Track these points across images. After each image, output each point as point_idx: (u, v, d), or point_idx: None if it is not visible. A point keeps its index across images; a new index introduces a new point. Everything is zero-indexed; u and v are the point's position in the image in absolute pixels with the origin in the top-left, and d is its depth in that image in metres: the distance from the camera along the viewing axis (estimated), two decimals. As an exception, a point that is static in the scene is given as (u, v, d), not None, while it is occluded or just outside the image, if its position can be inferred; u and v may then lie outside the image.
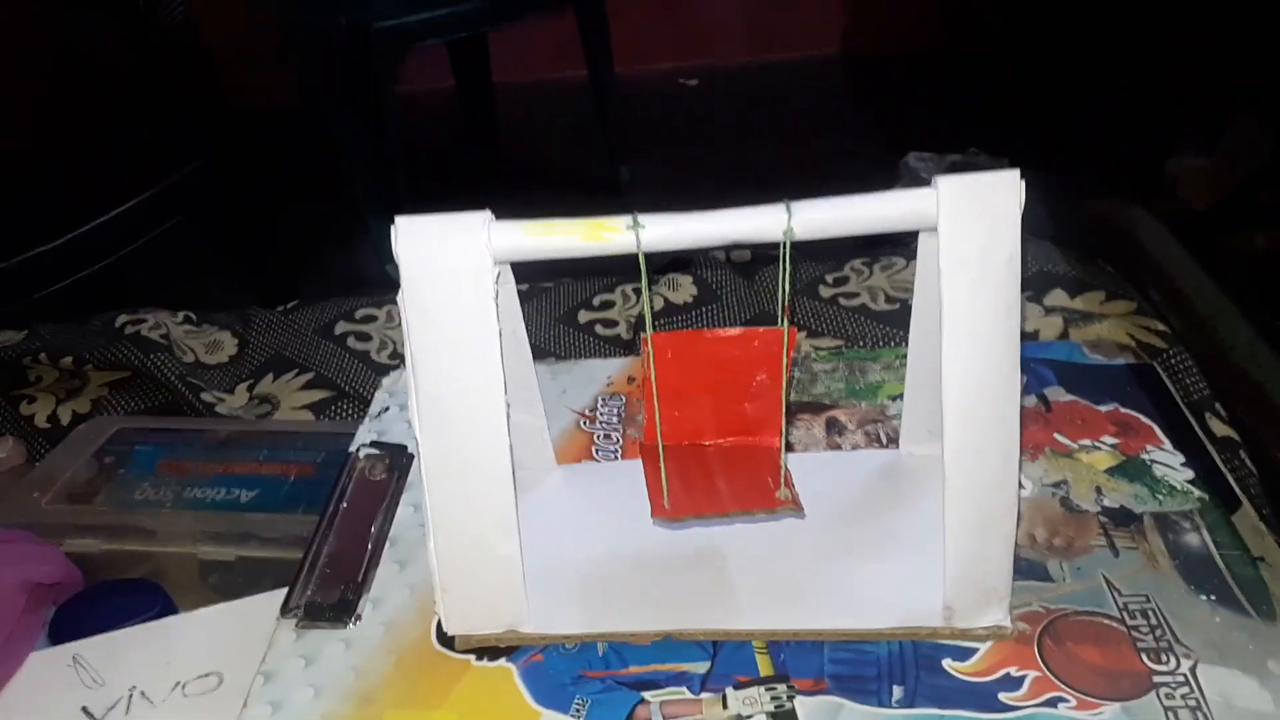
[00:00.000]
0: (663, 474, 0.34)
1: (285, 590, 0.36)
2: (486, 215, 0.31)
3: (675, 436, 0.35)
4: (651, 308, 0.56)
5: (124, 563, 0.44)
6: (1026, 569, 0.34)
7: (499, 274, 0.31)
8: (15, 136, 1.15)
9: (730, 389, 0.34)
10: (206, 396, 0.55)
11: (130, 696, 0.36)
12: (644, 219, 0.30)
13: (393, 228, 0.30)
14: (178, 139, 1.23)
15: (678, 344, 0.34)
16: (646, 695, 0.31)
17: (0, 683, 0.37)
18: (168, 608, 0.40)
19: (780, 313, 0.32)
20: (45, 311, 0.70)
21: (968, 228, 0.30)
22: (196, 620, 0.39)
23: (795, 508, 0.33)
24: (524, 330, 0.36)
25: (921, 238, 0.33)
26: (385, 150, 1.38)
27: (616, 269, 0.60)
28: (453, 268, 0.30)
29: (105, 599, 0.40)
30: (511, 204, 0.31)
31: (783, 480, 0.34)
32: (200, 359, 0.59)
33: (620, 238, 0.30)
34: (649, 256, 0.31)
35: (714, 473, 0.34)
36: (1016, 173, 0.30)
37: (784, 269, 0.31)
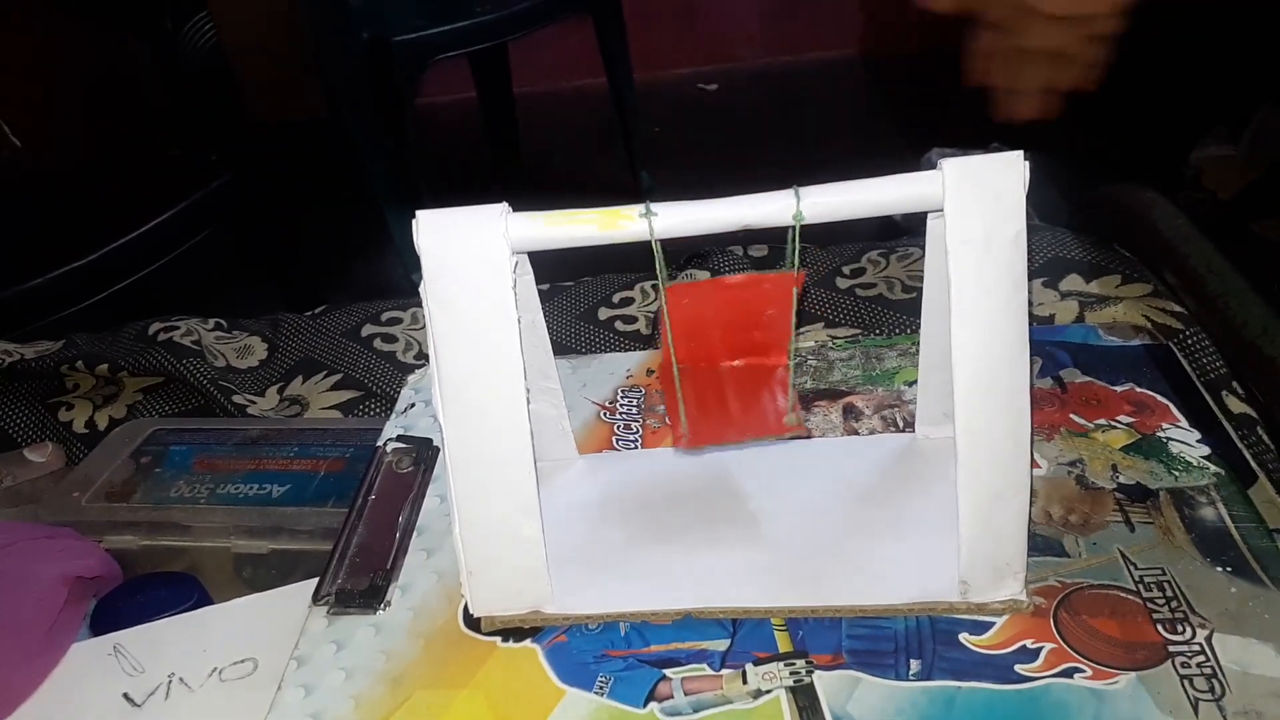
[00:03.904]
0: (680, 406, 0.35)
1: (316, 580, 0.37)
2: (504, 207, 0.32)
3: (690, 359, 0.36)
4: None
5: (161, 557, 0.45)
6: (1042, 545, 0.34)
7: (516, 264, 0.32)
8: (52, 157, 1.18)
9: (742, 322, 0.35)
10: (238, 399, 0.57)
11: (169, 683, 0.38)
12: (656, 207, 0.31)
13: (414, 221, 0.31)
14: (207, 155, 1.25)
15: (693, 292, 0.34)
16: (668, 672, 0.32)
17: (45, 672, 0.38)
18: (203, 599, 0.41)
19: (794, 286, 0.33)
20: (82, 323, 0.72)
21: (973, 208, 0.30)
22: (231, 610, 0.41)
23: (801, 431, 0.35)
24: (543, 322, 0.37)
25: (930, 221, 0.33)
26: (408, 161, 1.40)
27: (635, 266, 0.61)
28: (472, 258, 0.31)
29: (144, 592, 0.42)
30: (535, 210, 0.32)
31: (790, 405, 0.34)
32: (231, 363, 0.61)
33: (634, 225, 0.31)
34: (666, 251, 0.32)
35: (727, 396, 0.35)
36: (1020, 154, 0.30)
37: (794, 250, 0.31)
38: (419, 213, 0.31)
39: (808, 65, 2.16)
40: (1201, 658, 0.30)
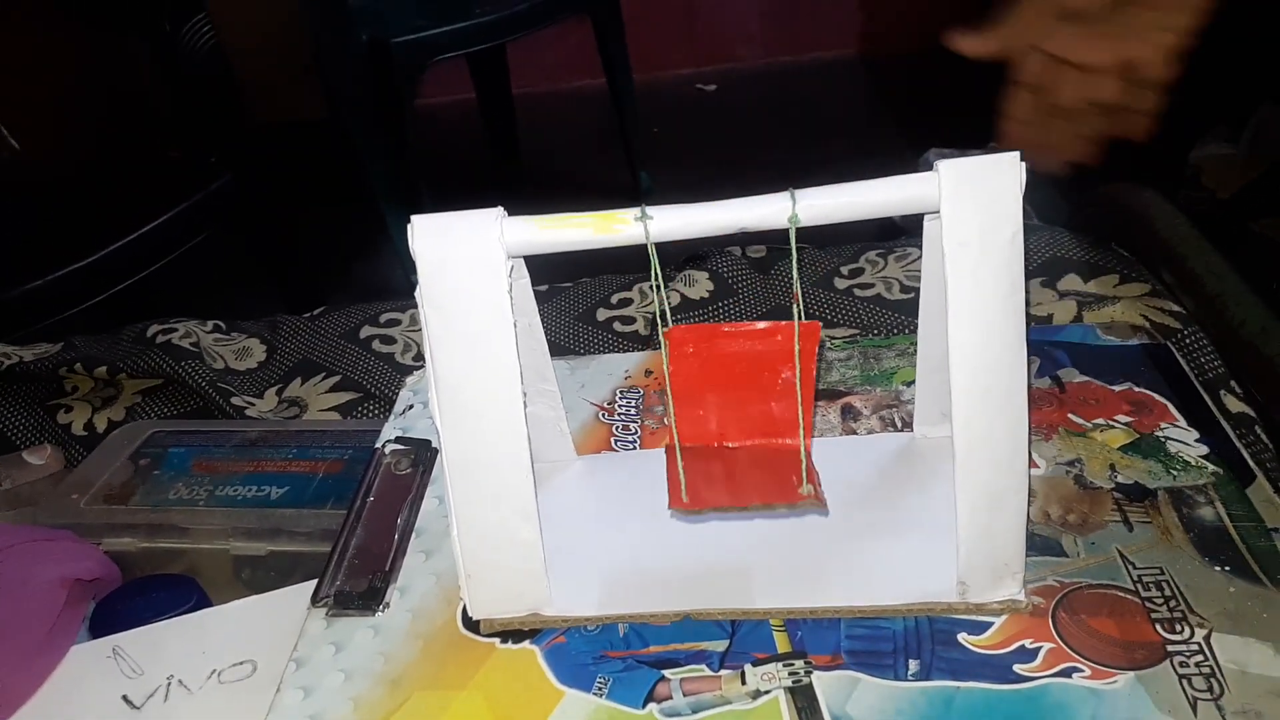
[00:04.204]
0: (680, 473, 0.33)
1: (315, 582, 0.37)
2: (499, 211, 0.32)
3: (697, 436, 0.34)
4: (665, 300, 0.57)
5: (160, 559, 0.45)
6: (1041, 545, 0.34)
7: (512, 268, 0.32)
8: (52, 158, 1.18)
9: (753, 387, 0.34)
10: (236, 401, 0.57)
11: (168, 685, 0.38)
12: (652, 211, 0.31)
13: (409, 225, 0.31)
14: (207, 156, 1.25)
15: (697, 338, 0.33)
16: (667, 673, 0.32)
17: (44, 674, 0.38)
18: (202, 601, 0.41)
19: (793, 302, 0.32)
20: (81, 325, 0.72)
21: (969, 209, 0.30)
22: (230, 612, 0.41)
23: (818, 503, 0.32)
24: (540, 325, 0.37)
25: (926, 222, 0.33)
26: (408, 161, 1.40)
27: (634, 267, 0.61)
28: (467, 262, 0.31)
29: (143, 594, 0.42)
30: (534, 212, 0.32)
31: (805, 477, 0.33)
32: (230, 365, 0.61)
33: (629, 229, 0.31)
34: (664, 252, 0.32)
35: (736, 472, 0.34)
36: (1017, 154, 0.30)
37: (792, 255, 0.31)
38: (414, 218, 0.31)
39: (807, 65, 2.16)
40: (1200, 657, 0.30)
